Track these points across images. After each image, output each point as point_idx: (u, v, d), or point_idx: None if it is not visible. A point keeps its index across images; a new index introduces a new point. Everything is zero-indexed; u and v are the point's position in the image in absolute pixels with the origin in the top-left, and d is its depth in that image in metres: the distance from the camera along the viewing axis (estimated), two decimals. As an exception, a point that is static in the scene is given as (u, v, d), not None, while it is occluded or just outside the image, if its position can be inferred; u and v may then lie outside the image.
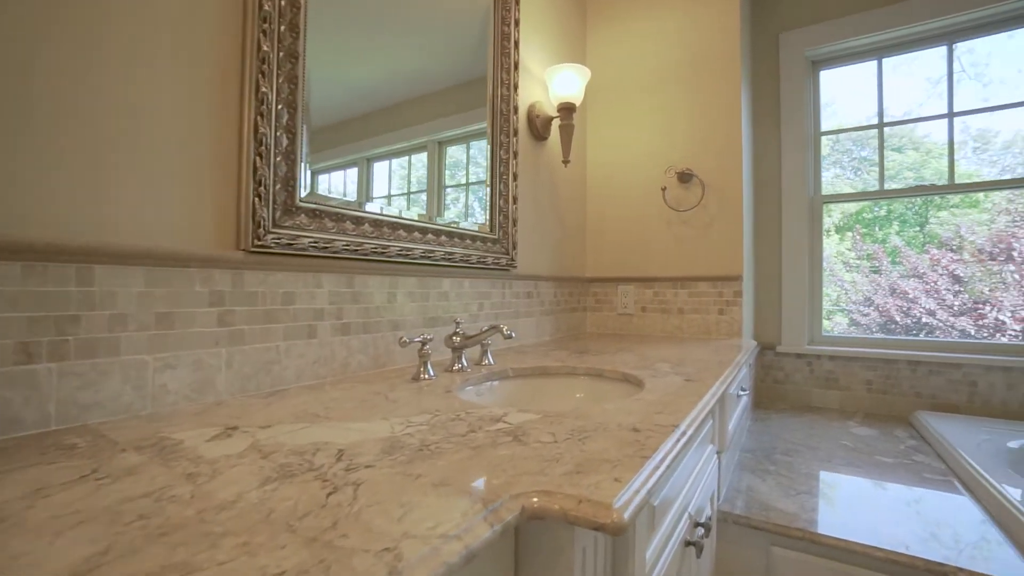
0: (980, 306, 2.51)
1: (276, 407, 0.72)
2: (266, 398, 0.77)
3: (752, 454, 1.49)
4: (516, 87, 1.45)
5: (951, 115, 2.01)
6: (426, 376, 0.94)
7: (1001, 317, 2.48)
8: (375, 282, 1.04)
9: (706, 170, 1.74)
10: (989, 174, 2.01)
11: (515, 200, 1.45)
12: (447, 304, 1.23)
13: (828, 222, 2.87)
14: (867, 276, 2.47)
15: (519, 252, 1.50)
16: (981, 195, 2.05)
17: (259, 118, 0.79)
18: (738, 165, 1.70)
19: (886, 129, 2.12)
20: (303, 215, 0.88)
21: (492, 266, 1.35)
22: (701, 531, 0.78)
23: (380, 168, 1.10)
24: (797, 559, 1.05)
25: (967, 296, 2.47)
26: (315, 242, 0.89)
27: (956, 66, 2.05)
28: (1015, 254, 2.07)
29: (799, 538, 1.04)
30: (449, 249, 1.20)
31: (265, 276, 0.83)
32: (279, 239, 0.83)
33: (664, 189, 1.77)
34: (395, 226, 1.06)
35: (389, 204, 1.11)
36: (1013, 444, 1.45)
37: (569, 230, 1.86)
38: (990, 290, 2.26)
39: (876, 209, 2.56)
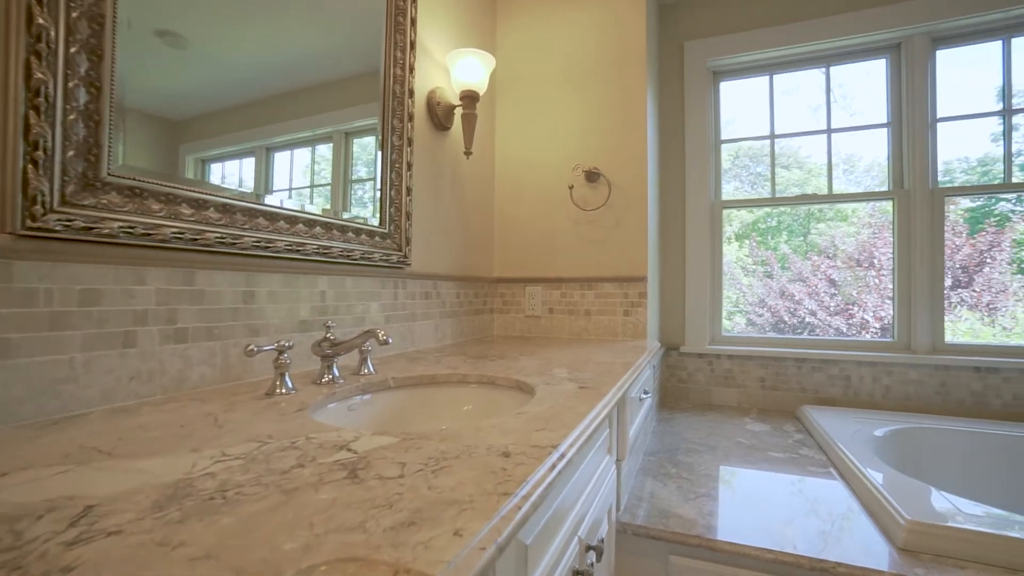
0: (850, 307, 2.81)
1: (47, 441, 0.54)
2: (42, 429, 0.59)
3: (655, 457, 1.48)
4: (412, 69, 1.33)
5: (829, 131, 2.17)
6: (283, 390, 0.78)
7: (866, 316, 2.78)
8: (224, 279, 0.86)
9: (613, 170, 1.72)
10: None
11: (409, 192, 1.32)
12: (324, 306, 1.08)
13: (729, 230, 3.23)
14: (761, 280, 2.79)
15: (414, 249, 1.37)
16: (850, 211, 2.26)
17: (34, 59, 0.60)
18: (643, 166, 1.70)
19: (778, 148, 2.25)
20: (114, 192, 0.70)
21: (380, 263, 1.21)
22: (592, 557, 0.71)
23: (281, 158, 0.98)
24: (694, 567, 1.02)
25: (840, 298, 2.79)
26: (130, 227, 0.70)
27: (833, 95, 2.23)
28: (875, 261, 2.34)
29: (696, 545, 1.02)
30: (325, 243, 1.05)
31: (50, 269, 0.64)
32: (70, 220, 0.64)
33: (571, 187, 1.73)
34: (251, 213, 0.89)
35: (290, 197, 0.97)
36: (878, 432, 1.56)
37: (475, 228, 1.76)
38: (857, 292, 2.58)
39: (769, 220, 2.94)
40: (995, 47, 1.98)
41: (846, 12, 2.03)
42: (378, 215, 1.24)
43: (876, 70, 2.14)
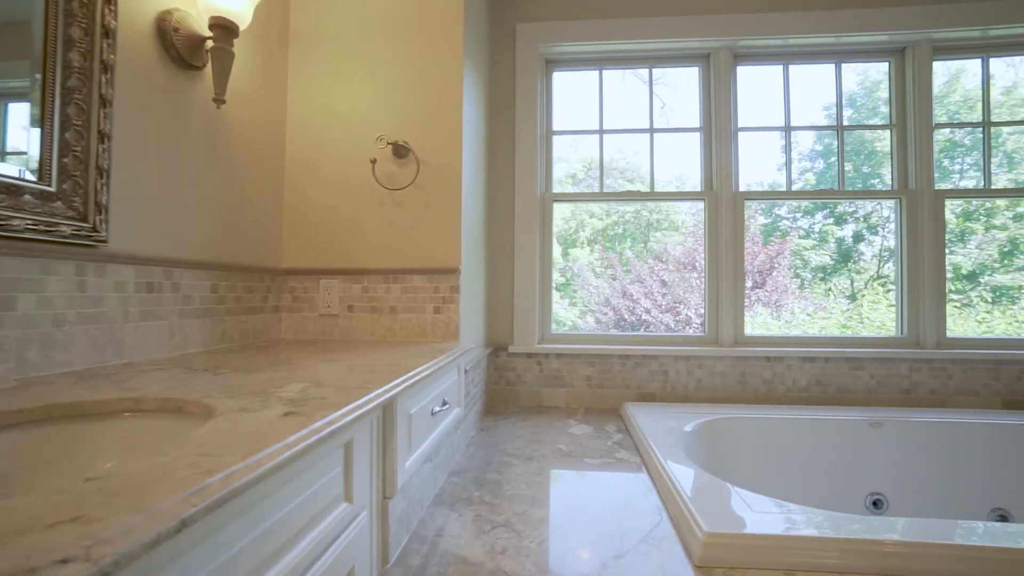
0: (677, 305, 3.03)
1: None
2: None
3: (460, 477, 1.27)
4: (116, -38, 0.93)
5: (651, 131, 2.22)
6: None
7: (689, 313, 3.00)
8: None
9: (424, 146, 1.49)
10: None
11: (106, 139, 0.92)
12: None
13: (582, 236, 3.35)
14: (607, 282, 3.07)
15: (119, 220, 0.97)
16: (680, 221, 2.39)
17: None
18: (457, 143, 1.50)
19: (616, 153, 2.25)
20: None
21: (35, 235, 0.80)
22: None
23: None
24: (477, 624, 0.82)
25: (670, 297, 3.00)
26: None
27: (659, 98, 2.31)
28: (697, 264, 2.55)
29: (479, 597, 0.82)
30: None
31: None
32: None
33: (374, 162, 1.45)
34: None
35: None
36: (688, 427, 1.56)
37: (254, 206, 1.39)
38: (683, 292, 2.79)
39: (617, 228, 3.15)
40: (778, 70, 2.20)
41: (668, 15, 2.08)
42: (39, 165, 0.83)
43: (691, 77, 2.25)
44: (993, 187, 2.13)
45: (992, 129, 2.11)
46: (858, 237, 3.83)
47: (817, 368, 1.98)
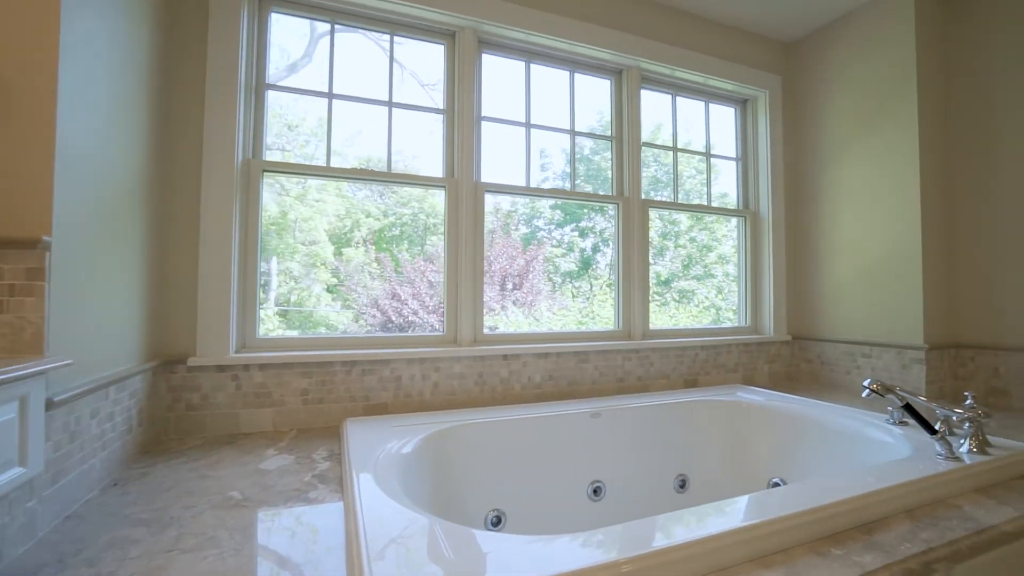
0: (443, 305, 2.86)
1: None
2: None
3: (-2, 589, 0.75)
4: None
5: (390, 104, 1.95)
6: None
7: None
8: None
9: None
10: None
11: None
12: None
13: (357, 236, 3.11)
14: (379, 282, 3.03)
15: None
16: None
17: None
18: (51, 50, 0.95)
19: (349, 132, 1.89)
20: None
21: None
22: None
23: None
24: None
25: (437, 299, 2.84)
26: None
27: (404, 70, 2.06)
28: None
29: None
30: None
31: None
32: None
33: None
34: None
35: None
36: (406, 449, 1.32)
37: None
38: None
39: (394, 230, 3.11)
40: (521, 66, 2.20)
41: (405, -24, 1.84)
42: None
43: (437, 55, 2.07)
44: (681, 203, 2.52)
45: (679, 167, 2.51)
46: (595, 248, 4.37)
47: (551, 363, 2.01)
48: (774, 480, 1.80)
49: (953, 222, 2.23)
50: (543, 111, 2.25)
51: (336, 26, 1.90)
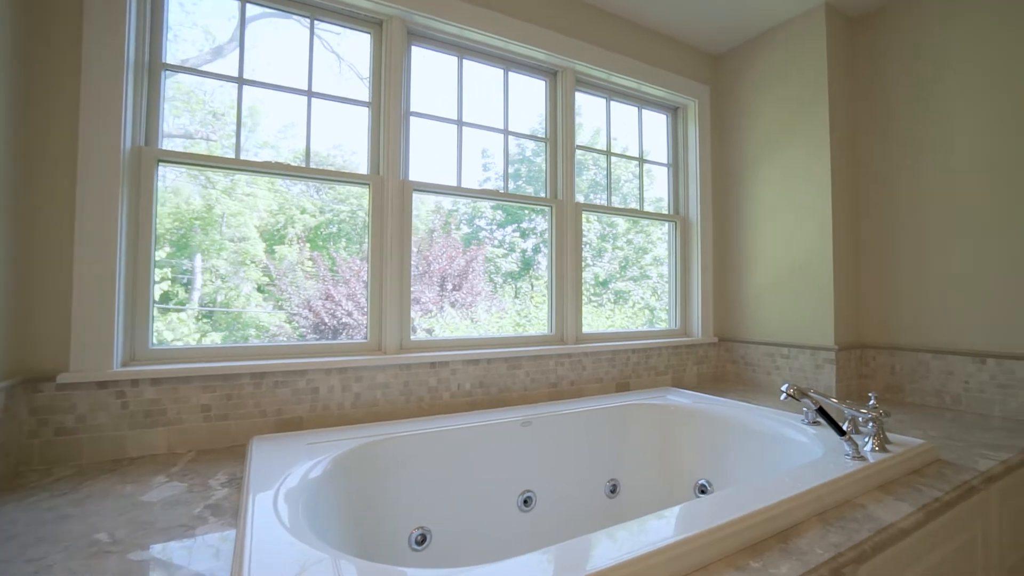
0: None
1: None
2: None
3: None
4: None
5: (309, 94, 1.81)
6: None
7: None
8: None
9: None
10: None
11: None
12: None
13: (292, 233, 3.01)
14: (313, 282, 2.91)
15: None
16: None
17: None
18: None
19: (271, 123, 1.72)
20: None
21: None
22: None
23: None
24: None
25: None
26: None
27: (337, 57, 1.92)
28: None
29: None
30: None
31: None
32: None
33: None
34: None
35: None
36: (315, 473, 1.20)
37: None
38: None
39: (331, 227, 2.99)
40: (453, 61, 2.12)
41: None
42: None
43: (363, 44, 1.95)
44: (614, 207, 2.53)
45: (618, 171, 2.52)
46: (536, 249, 4.36)
47: (481, 370, 1.94)
48: (700, 482, 1.84)
49: (858, 232, 2.39)
50: (480, 110, 2.18)
51: (265, 9, 1.73)
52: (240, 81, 1.70)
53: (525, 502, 1.71)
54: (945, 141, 2.11)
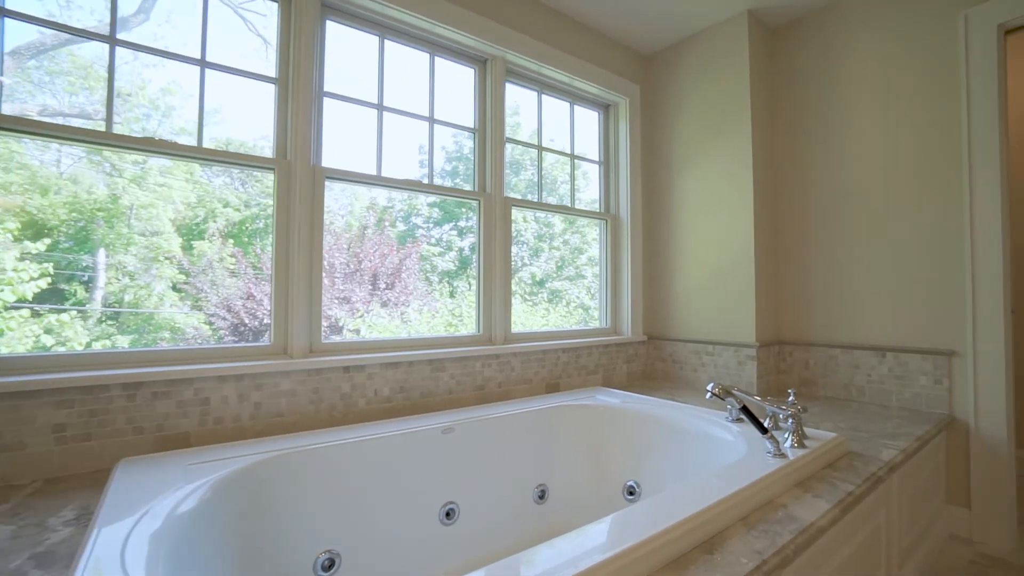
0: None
1: None
2: None
3: None
4: None
5: (203, 64, 1.59)
6: None
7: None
8: None
9: None
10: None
11: None
12: None
13: (213, 227, 2.79)
14: (235, 280, 2.76)
15: None
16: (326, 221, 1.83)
17: None
18: None
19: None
20: None
21: None
22: None
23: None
24: None
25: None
26: None
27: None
28: (326, 264, 2.16)
29: None
30: None
31: None
32: None
33: None
34: None
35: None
36: (188, 505, 1.02)
37: None
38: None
39: (258, 222, 2.85)
40: (375, 41, 1.96)
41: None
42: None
43: (271, 13, 1.74)
44: (544, 203, 2.47)
45: (557, 171, 2.46)
46: (473, 248, 4.23)
47: (401, 373, 1.80)
48: (629, 483, 1.81)
49: (777, 233, 2.48)
50: (409, 98, 2.03)
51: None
52: (112, 41, 1.45)
53: (447, 515, 1.60)
54: (850, 151, 2.23)
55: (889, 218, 2.11)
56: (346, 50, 1.90)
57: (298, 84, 1.67)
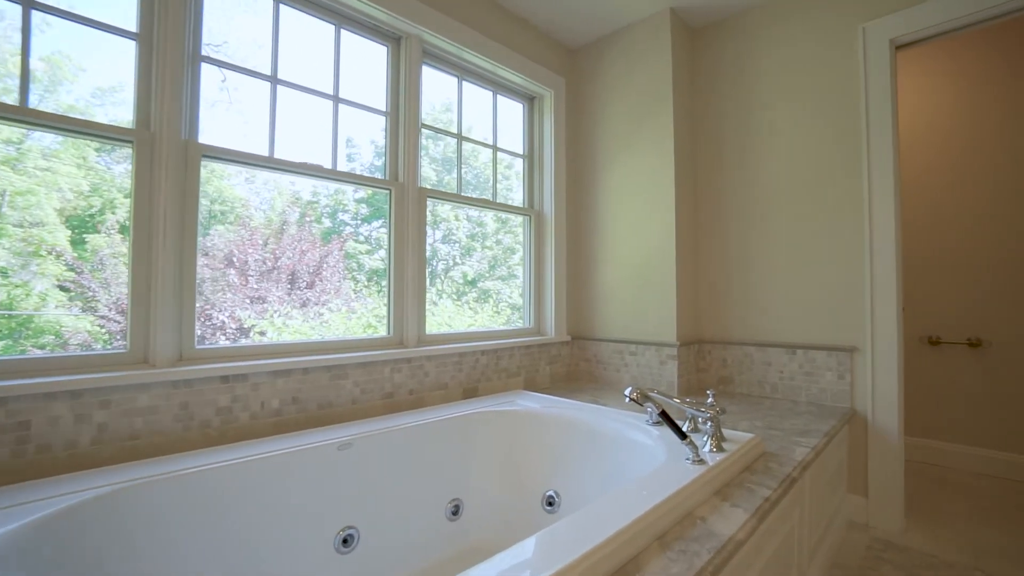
0: (208, 308, 2.10)
1: None
2: None
3: None
4: None
5: (33, 3, 1.29)
6: None
7: (223, 318, 2.16)
8: None
9: None
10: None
11: None
12: None
13: (112, 219, 2.46)
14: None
15: None
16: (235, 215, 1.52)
17: None
18: None
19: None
20: None
21: None
22: None
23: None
24: None
25: (203, 299, 2.10)
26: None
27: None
28: (235, 259, 2.03)
29: None
30: None
31: None
32: None
33: None
34: None
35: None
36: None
37: None
38: (219, 293, 1.99)
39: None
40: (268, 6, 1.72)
41: None
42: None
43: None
44: (463, 196, 2.32)
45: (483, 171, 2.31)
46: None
47: (294, 382, 1.58)
48: (548, 493, 1.71)
49: (698, 231, 2.50)
50: (313, 76, 1.80)
51: None
52: None
53: (344, 542, 1.41)
54: (765, 155, 2.29)
55: (798, 219, 2.18)
56: (231, 7, 1.65)
57: (166, 42, 1.41)
